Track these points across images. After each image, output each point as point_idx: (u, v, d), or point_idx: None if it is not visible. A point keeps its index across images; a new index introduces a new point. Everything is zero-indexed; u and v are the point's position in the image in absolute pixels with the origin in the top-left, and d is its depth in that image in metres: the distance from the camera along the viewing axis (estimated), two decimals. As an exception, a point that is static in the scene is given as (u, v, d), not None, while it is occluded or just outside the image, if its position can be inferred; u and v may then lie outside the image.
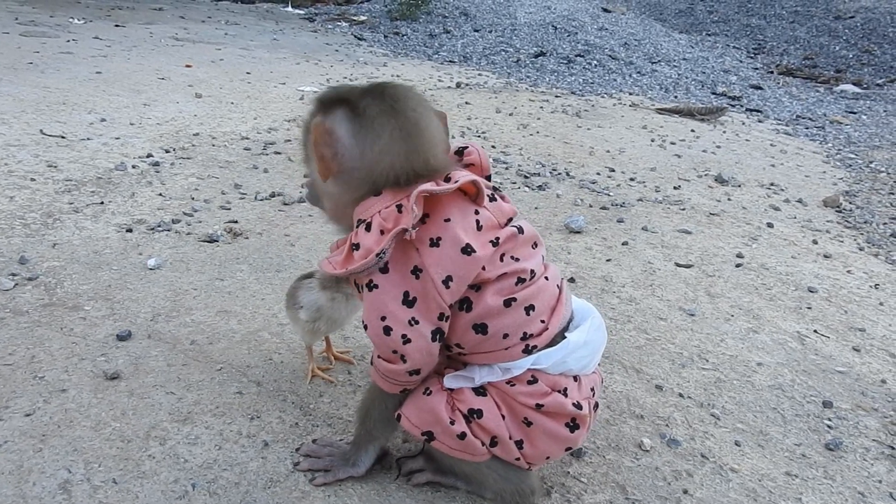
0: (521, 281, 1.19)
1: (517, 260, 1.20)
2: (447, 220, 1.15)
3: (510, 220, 1.24)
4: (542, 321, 1.22)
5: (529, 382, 1.21)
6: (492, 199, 1.23)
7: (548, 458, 1.28)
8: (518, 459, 1.25)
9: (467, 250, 1.13)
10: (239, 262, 2.25)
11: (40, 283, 1.98)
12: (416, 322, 1.14)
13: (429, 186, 1.11)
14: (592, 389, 1.30)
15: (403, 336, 1.15)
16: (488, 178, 1.28)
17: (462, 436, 1.21)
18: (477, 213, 1.18)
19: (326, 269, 1.19)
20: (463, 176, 1.16)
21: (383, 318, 1.15)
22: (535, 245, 1.26)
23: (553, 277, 1.27)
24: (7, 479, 1.28)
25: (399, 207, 1.12)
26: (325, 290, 1.56)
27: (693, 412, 1.72)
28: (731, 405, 1.76)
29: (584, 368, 1.27)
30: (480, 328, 1.18)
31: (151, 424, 1.46)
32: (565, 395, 1.23)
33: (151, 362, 1.67)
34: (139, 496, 1.27)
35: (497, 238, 1.17)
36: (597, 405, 1.32)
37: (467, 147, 1.28)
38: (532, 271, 1.21)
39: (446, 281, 1.13)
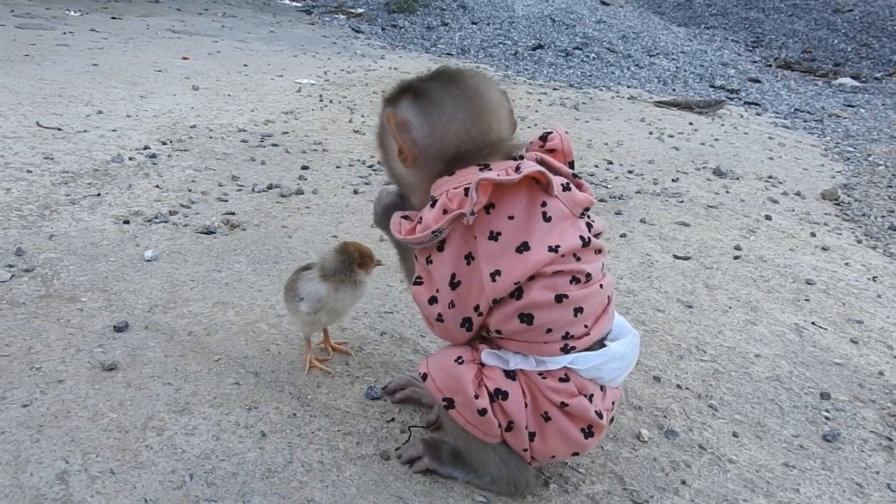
0: (575, 280, 1.19)
1: (578, 260, 1.20)
2: (510, 218, 1.16)
3: (586, 210, 1.24)
4: (586, 325, 1.21)
5: (561, 380, 1.21)
6: (566, 188, 1.21)
7: (553, 457, 1.28)
8: (525, 451, 1.26)
9: (521, 249, 1.15)
10: (236, 253, 2.24)
11: (37, 275, 1.98)
12: (453, 306, 1.20)
13: (491, 175, 1.13)
14: (613, 403, 1.31)
15: (439, 315, 1.22)
16: (571, 164, 1.28)
17: (483, 412, 1.22)
18: (545, 204, 1.18)
19: (394, 228, 1.25)
20: (529, 166, 1.16)
21: (433, 295, 1.22)
22: (597, 251, 1.25)
23: (606, 287, 1.26)
24: (4, 469, 1.27)
25: (466, 191, 1.14)
26: (325, 280, 1.56)
27: (691, 403, 1.72)
28: (729, 396, 1.76)
29: (613, 381, 1.28)
30: (526, 318, 1.18)
31: (149, 415, 1.45)
32: (591, 401, 1.23)
33: (149, 353, 1.67)
34: (137, 486, 1.27)
35: (557, 246, 1.16)
36: (612, 419, 1.33)
37: (551, 132, 1.30)
38: (589, 274, 1.20)
39: (493, 275, 1.15)
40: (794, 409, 1.75)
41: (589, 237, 1.21)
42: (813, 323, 2.21)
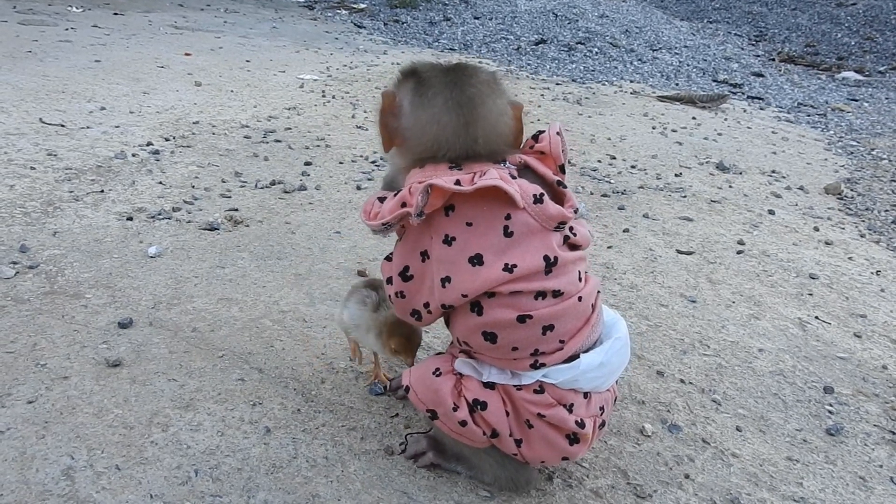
0: (540, 296, 1.13)
1: (549, 273, 1.13)
2: (469, 224, 1.12)
3: (561, 224, 1.15)
4: (561, 341, 1.17)
5: (536, 392, 1.19)
6: (538, 200, 1.13)
7: (543, 462, 1.27)
8: (515, 455, 1.25)
9: (474, 261, 1.11)
10: (240, 249, 2.25)
11: (41, 272, 1.98)
12: (403, 296, 1.21)
13: (443, 182, 1.08)
14: (602, 408, 1.26)
15: (390, 296, 1.25)
16: (561, 167, 1.21)
17: (463, 423, 1.22)
18: (509, 217, 1.11)
19: (365, 207, 1.22)
20: (488, 178, 1.09)
21: (391, 276, 1.23)
22: (573, 261, 1.18)
23: (588, 296, 1.19)
24: (10, 465, 1.28)
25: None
26: (373, 313, 1.47)
27: (694, 398, 1.72)
28: (733, 391, 1.77)
29: (597, 388, 1.24)
30: (490, 336, 1.15)
31: (154, 411, 1.46)
32: (570, 410, 1.20)
33: (153, 349, 1.67)
34: (142, 482, 1.27)
35: (514, 266, 1.10)
36: (603, 423, 1.28)
37: (543, 132, 1.22)
38: (557, 291, 1.14)
39: (444, 280, 1.14)
40: (797, 403, 1.75)
41: (556, 257, 1.13)
42: (816, 317, 2.21)
